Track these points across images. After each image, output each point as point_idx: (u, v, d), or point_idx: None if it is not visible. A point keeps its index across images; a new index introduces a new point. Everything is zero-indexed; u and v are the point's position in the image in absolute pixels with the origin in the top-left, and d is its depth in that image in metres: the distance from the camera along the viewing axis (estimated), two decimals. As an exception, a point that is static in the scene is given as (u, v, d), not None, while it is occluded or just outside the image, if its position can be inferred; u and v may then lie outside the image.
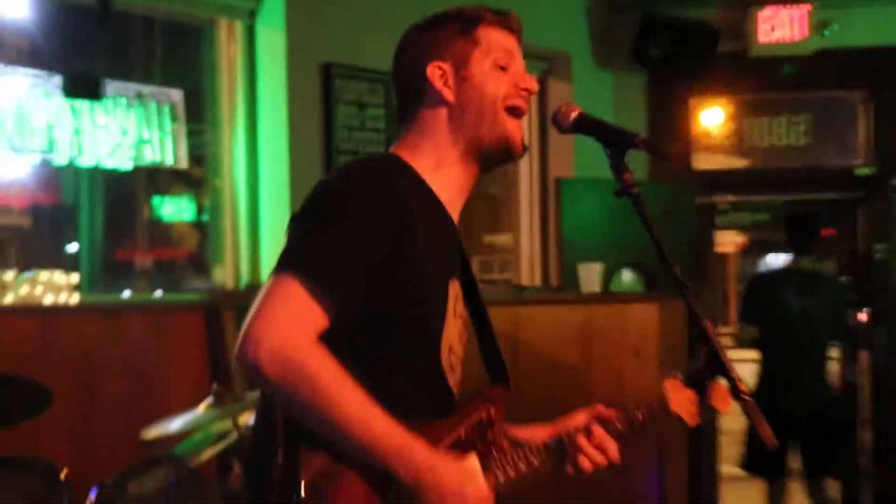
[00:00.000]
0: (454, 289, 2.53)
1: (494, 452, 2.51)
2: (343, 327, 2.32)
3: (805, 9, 7.68)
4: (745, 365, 7.32)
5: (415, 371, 2.45)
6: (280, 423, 2.30)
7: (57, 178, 6.37)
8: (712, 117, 8.04)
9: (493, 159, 2.61)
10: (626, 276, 7.24)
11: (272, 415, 2.33)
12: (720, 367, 2.47)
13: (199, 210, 6.74)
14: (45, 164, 5.51)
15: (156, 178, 6.72)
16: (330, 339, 2.28)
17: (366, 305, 2.34)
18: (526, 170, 7.58)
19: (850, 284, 8.11)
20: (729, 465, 11.07)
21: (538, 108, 7.62)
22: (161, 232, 7.37)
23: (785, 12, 7.69)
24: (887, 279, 7.90)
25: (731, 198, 8.21)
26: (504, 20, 2.61)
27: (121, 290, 6.19)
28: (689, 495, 5.69)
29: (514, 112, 2.56)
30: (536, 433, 2.63)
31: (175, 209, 7.27)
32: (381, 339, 2.41)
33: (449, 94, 2.54)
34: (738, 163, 8.21)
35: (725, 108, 8.09)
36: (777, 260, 12.65)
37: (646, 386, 4.97)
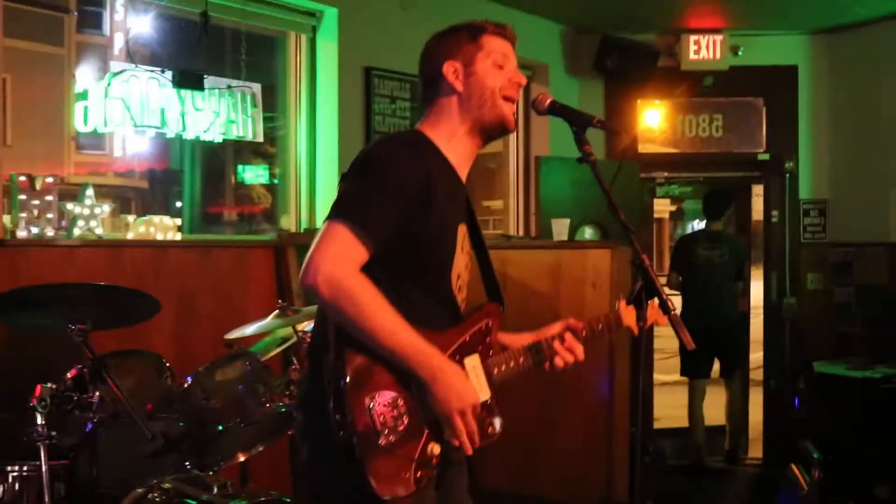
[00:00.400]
0: (461, 231, 2.53)
1: (491, 353, 2.53)
2: (381, 257, 2.33)
3: (721, 36, 7.62)
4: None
5: (432, 291, 2.46)
6: (331, 330, 2.31)
7: (167, 150, 6.33)
8: (653, 115, 7.96)
9: (492, 134, 2.62)
10: (588, 230, 7.22)
11: (326, 324, 2.35)
12: (653, 289, 2.46)
13: (272, 176, 6.70)
14: (159, 138, 5.48)
15: (240, 152, 6.68)
16: (372, 265, 2.32)
17: (397, 241, 2.35)
18: (513, 150, 7.54)
19: (746, 242, 8.14)
20: (660, 374, 11.13)
21: (523, 103, 7.52)
22: (243, 192, 7.34)
23: (707, 38, 7.63)
24: (778, 236, 7.86)
25: (665, 174, 8.13)
26: (502, 31, 2.64)
27: (213, 234, 6.18)
28: (630, 394, 5.65)
29: (509, 99, 2.58)
30: (522, 339, 2.64)
31: (254, 175, 7.23)
32: (408, 267, 2.42)
33: (459, 86, 2.56)
34: (671, 148, 8.15)
35: (663, 108, 8.01)
36: (700, 225, 12.67)
37: (600, 310, 4.91)
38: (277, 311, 4.05)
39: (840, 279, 7.68)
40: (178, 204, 6.95)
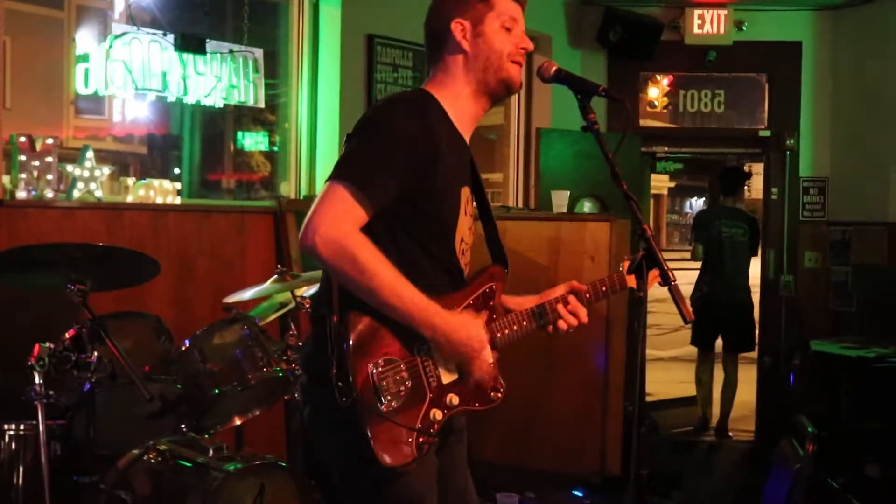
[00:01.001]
0: (465, 194, 2.51)
1: (495, 316, 2.52)
2: (384, 220, 2.33)
3: (726, 11, 7.56)
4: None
5: (435, 255, 2.44)
6: (336, 293, 2.31)
7: (167, 115, 6.31)
8: (655, 88, 7.94)
9: (497, 96, 2.58)
10: (587, 203, 7.23)
11: (330, 286, 2.34)
12: (655, 259, 2.45)
13: (271, 144, 6.68)
14: (159, 102, 5.46)
15: (240, 119, 6.66)
16: (375, 228, 2.31)
17: (400, 203, 2.34)
18: (514, 121, 7.52)
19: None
20: (654, 349, 11.17)
21: (526, 76, 7.51)
22: (242, 159, 7.32)
23: (711, 12, 7.57)
24: (778, 213, 7.87)
25: (666, 149, 8.12)
26: None
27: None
28: (626, 368, 5.69)
29: (516, 62, 2.54)
30: (526, 302, 2.61)
31: (253, 142, 7.21)
32: (412, 230, 2.40)
33: (466, 45, 2.51)
34: (672, 123, 8.15)
35: (665, 82, 8.00)
36: (698, 203, 12.72)
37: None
38: (276, 276, 4.06)
39: (838, 258, 7.69)
40: (177, 170, 6.94)
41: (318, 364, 2.32)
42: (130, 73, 4.95)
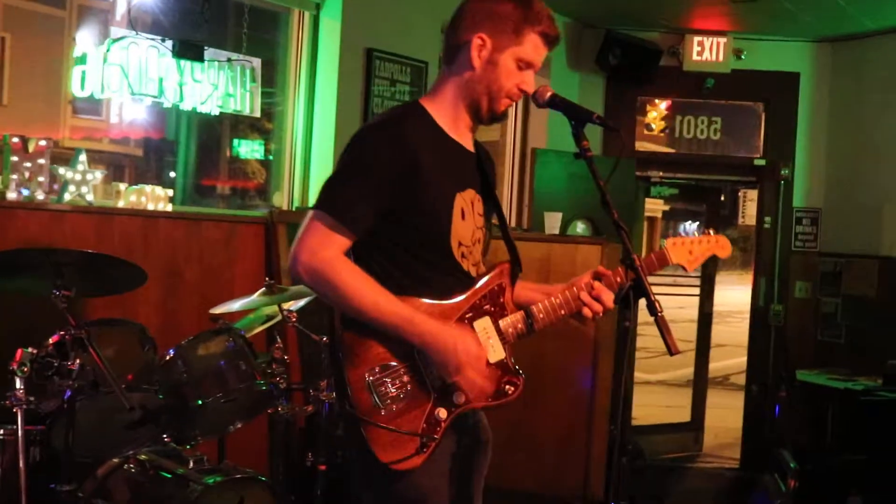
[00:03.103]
0: (464, 197, 2.51)
1: (505, 313, 2.54)
2: (377, 237, 2.41)
3: (725, 39, 7.58)
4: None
5: (433, 262, 2.47)
6: (336, 311, 2.42)
7: (163, 119, 6.29)
8: (654, 111, 7.96)
9: (479, 119, 2.59)
10: (580, 225, 7.22)
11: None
12: (642, 289, 2.44)
13: (267, 153, 6.66)
14: (156, 107, 5.44)
15: (236, 126, 6.65)
16: (370, 247, 2.41)
17: (387, 221, 2.40)
18: (510, 141, 7.52)
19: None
20: (642, 373, 11.18)
21: (524, 96, 7.53)
22: (238, 166, 7.31)
23: (711, 39, 7.60)
24: (770, 242, 7.87)
25: (661, 174, 8.12)
26: (550, 38, 2.59)
27: (205, 207, 6.14)
28: (611, 390, 5.68)
29: (510, 98, 2.58)
30: (554, 290, 2.64)
31: (249, 150, 7.20)
32: (405, 243, 2.45)
33: (476, 64, 2.50)
34: (669, 148, 8.17)
35: (663, 106, 8.02)
36: (692, 227, 12.73)
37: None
38: (264, 288, 4.04)
39: (828, 289, 7.69)
40: (172, 174, 6.91)
41: (333, 376, 2.50)
42: (127, 77, 4.93)
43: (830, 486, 5.72)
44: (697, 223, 7.75)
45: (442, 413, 2.39)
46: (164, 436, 3.65)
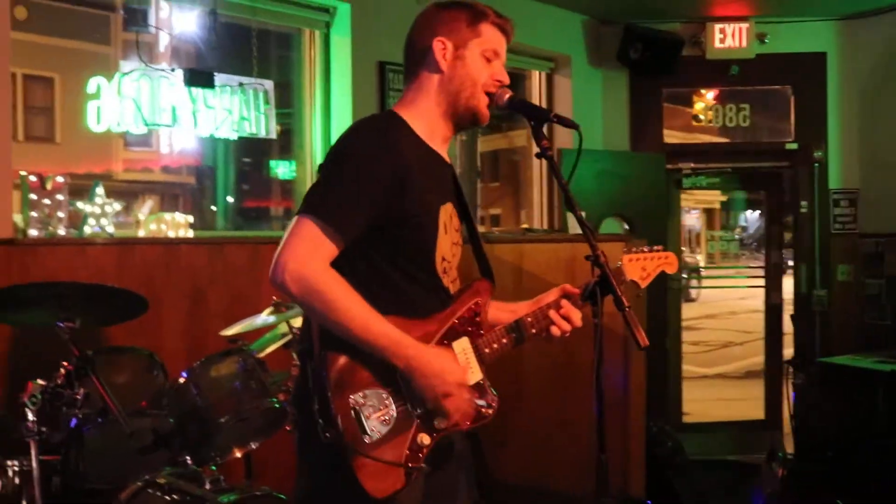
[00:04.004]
0: (446, 211, 2.49)
1: (482, 332, 2.50)
2: (361, 248, 2.34)
3: (747, 24, 7.50)
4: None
5: (416, 277, 2.43)
6: (315, 332, 2.32)
7: (213, 147, 6.35)
8: (700, 102, 7.96)
9: (463, 123, 2.57)
10: (612, 223, 7.20)
11: (311, 326, 2.36)
12: (608, 285, 2.44)
13: (289, 171, 6.75)
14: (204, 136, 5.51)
15: (285, 146, 6.72)
16: (352, 257, 2.32)
17: (374, 231, 2.34)
18: (529, 141, 7.52)
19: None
20: (697, 367, 11.05)
21: (547, 96, 7.55)
22: (288, 187, 7.38)
23: (733, 26, 7.53)
24: (808, 227, 7.75)
25: (692, 165, 8.04)
26: (503, 23, 2.57)
27: (257, 227, 6.20)
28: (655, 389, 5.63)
29: (489, 95, 2.52)
30: (520, 308, 2.59)
31: (287, 170, 7.26)
32: (390, 255, 2.39)
33: (444, 66, 2.50)
34: (697, 138, 8.10)
35: (710, 95, 7.94)
36: (753, 215, 12.61)
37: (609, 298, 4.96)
38: (272, 307, 4.08)
39: (871, 271, 7.54)
40: (230, 199, 7.02)
41: (303, 402, 2.33)
42: (140, 109, 5.02)
43: (882, 470, 5.62)
44: (759, 212, 7.62)
45: (425, 439, 2.33)
46: (187, 458, 3.70)
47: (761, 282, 8.23)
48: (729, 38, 7.51)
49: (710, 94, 8.01)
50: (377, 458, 2.25)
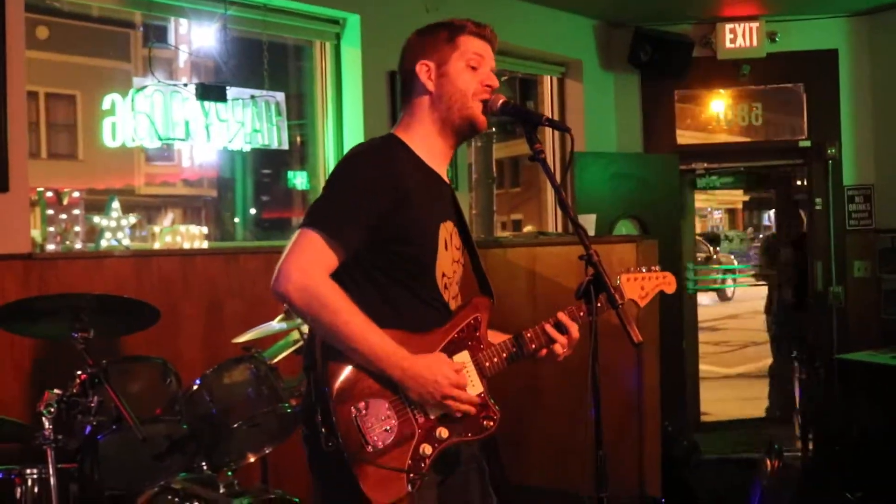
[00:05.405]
0: (446, 229, 2.55)
1: (482, 345, 2.55)
2: (362, 264, 2.41)
3: (757, 23, 7.51)
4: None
5: (417, 293, 2.49)
6: (318, 344, 2.39)
7: (232, 159, 6.41)
8: (721, 101, 7.94)
9: (463, 133, 2.63)
10: (625, 225, 7.22)
11: (314, 338, 2.43)
12: (602, 283, 2.47)
13: (306, 182, 6.81)
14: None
15: (297, 158, 6.78)
16: (354, 273, 2.40)
17: (375, 248, 2.41)
18: (549, 146, 7.53)
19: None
20: (719, 367, 11.03)
21: (559, 102, 7.59)
22: (297, 196, 7.42)
23: (743, 25, 7.54)
24: (823, 223, 7.75)
25: (705, 165, 8.06)
26: (482, 31, 2.63)
27: (276, 238, 6.22)
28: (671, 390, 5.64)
29: (482, 102, 2.57)
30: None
31: (304, 181, 7.32)
32: (390, 272, 2.45)
33: (431, 86, 2.58)
34: (710, 138, 8.10)
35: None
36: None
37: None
38: (283, 314, 4.16)
39: (888, 266, 7.53)
40: (252, 210, 7.08)
41: (307, 412, 2.40)
42: (153, 124, 5.11)
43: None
44: (773, 210, 7.63)
45: (427, 449, 2.37)
46: (203, 463, 3.78)
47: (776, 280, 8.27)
48: (739, 37, 7.52)
49: (721, 95, 8.02)
50: (380, 465, 2.30)
